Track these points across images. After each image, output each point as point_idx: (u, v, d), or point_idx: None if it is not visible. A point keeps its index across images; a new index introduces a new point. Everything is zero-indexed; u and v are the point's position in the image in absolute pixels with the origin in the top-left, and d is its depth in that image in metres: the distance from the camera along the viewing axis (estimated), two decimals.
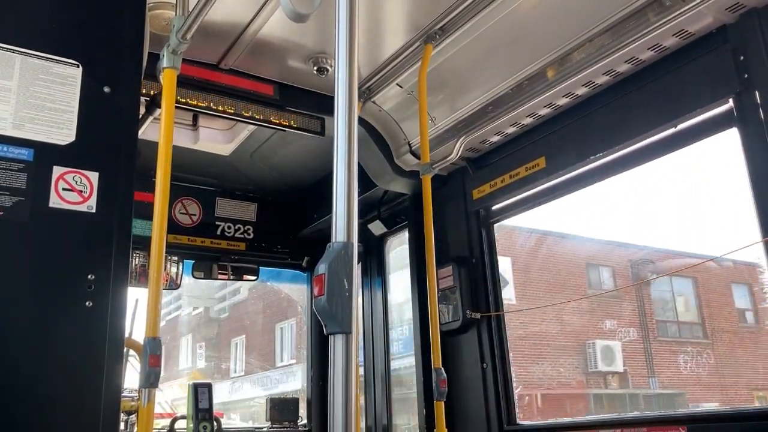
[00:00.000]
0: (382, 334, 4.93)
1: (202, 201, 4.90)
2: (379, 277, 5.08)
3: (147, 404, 1.99)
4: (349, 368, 1.24)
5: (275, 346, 20.91)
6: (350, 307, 1.27)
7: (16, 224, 2.00)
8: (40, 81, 2.14)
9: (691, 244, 19.11)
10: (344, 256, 1.31)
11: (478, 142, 3.92)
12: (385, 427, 4.76)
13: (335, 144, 1.41)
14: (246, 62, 3.47)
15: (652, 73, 3.13)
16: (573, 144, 3.49)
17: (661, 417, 3.38)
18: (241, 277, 5.13)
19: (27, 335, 1.95)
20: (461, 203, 4.12)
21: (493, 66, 3.46)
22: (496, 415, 3.75)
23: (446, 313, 4.00)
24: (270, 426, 4.84)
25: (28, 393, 1.91)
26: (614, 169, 3.44)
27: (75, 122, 2.15)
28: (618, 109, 3.29)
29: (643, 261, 17.95)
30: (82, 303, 2.02)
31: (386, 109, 3.94)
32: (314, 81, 3.61)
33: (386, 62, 3.52)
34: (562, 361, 17.00)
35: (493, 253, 4.05)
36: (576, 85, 3.31)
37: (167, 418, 4.47)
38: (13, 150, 2.04)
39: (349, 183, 1.37)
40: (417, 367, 4.15)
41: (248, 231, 5.09)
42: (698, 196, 17.79)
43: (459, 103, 3.72)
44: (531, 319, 15.84)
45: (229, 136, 4.40)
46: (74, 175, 2.10)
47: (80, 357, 1.99)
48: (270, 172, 4.92)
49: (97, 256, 2.08)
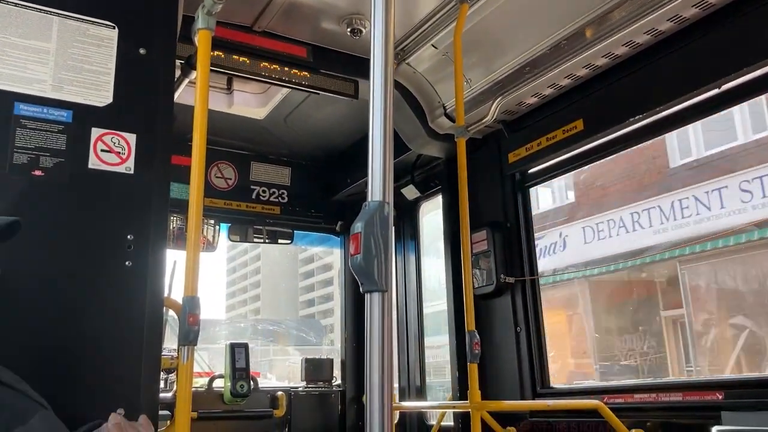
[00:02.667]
0: (415, 297, 4.96)
1: (237, 165, 4.94)
2: (412, 241, 5.09)
3: (186, 362, 2.03)
4: (385, 325, 1.25)
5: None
6: (387, 266, 1.27)
7: (57, 185, 2.03)
8: (78, 43, 2.16)
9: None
10: (380, 214, 1.30)
11: (514, 105, 3.85)
12: (418, 388, 4.81)
13: (371, 98, 1.40)
14: (279, 24, 3.44)
15: (696, 32, 3.03)
16: (612, 106, 3.42)
17: (697, 382, 3.35)
18: (275, 241, 5.18)
19: (68, 294, 1.99)
20: (496, 167, 4.08)
21: (530, 25, 3.38)
22: (530, 379, 3.75)
23: (480, 278, 3.99)
24: (305, 385, 4.93)
25: (70, 351, 1.96)
26: (654, 131, 3.38)
27: (112, 84, 2.17)
28: (659, 69, 3.20)
29: None
30: (121, 263, 2.06)
31: (420, 70, 3.89)
32: (348, 43, 3.57)
33: (421, 22, 3.46)
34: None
35: (528, 217, 4.01)
36: (616, 44, 3.22)
37: (205, 377, 4.58)
38: (53, 111, 2.07)
39: (385, 141, 1.35)
40: (450, 330, 4.17)
41: (282, 195, 5.12)
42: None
43: (495, 64, 3.66)
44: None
45: (262, 99, 4.40)
46: (112, 137, 2.13)
47: (120, 315, 2.04)
48: (303, 136, 4.92)
49: (136, 216, 2.11)
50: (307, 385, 4.94)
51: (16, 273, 1.85)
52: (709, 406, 2.87)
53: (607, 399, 3.22)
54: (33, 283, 1.94)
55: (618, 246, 14.19)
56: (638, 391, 3.27)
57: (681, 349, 13.90)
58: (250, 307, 54.84)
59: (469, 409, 3.07)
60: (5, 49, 2.05)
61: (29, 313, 1.91)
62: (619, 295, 15.41)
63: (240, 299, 58.44)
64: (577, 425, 3.40)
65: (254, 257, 53.84)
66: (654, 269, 14.45)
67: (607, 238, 14.52)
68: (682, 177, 13.62)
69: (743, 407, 2.74)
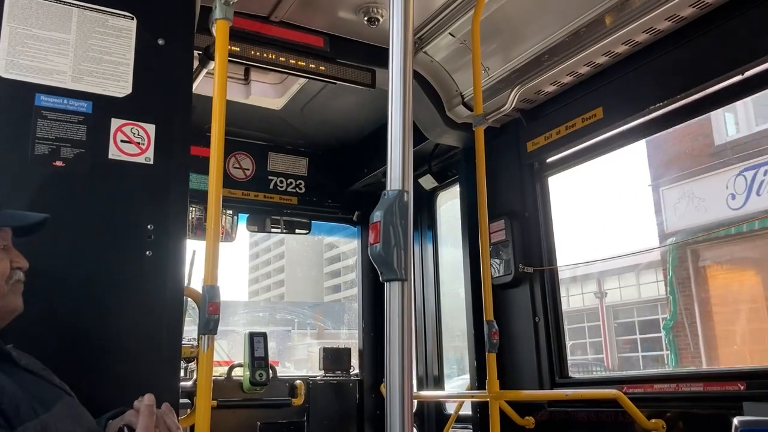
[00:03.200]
0: (433, 287, 4.96)
1: (254, 155, 4.96)
2: (429, 231, 5.08)
3: (207, 350, 2.04)
4: (405, 314, 1.25)
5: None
6: (406, 255, 1.27)
7: (78, 175, 2.05)
8: (97, 34, 2.17)
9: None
10: (399, 203, 1.30)
11: (533, 93, 3.82)
12: (436, 377, 4.82)
13: (390, 88, 1.39)
14: (296, 14, 3.44)
15: (719, 18, 2.98)
16: (632, 94, 3.38)
17: (719, 372, 3.32)
18: (293, 231, 5.19)
19: (90, 284, 2.01)
20: (514, 156, 4.05)
21: (549, 12, 3.34)
22: (548, 369, 3.74)
23: (497, 267, 3.98)
24: (323, 374, 4.95)
25: (93, 340, 1.99)
26: (675, 119, 3.33)
27: (131, 75, 2.19)
28: (680, 56, 3.15)
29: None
30: (142, 252, 2.08)
31: (438, 59, 3.87)
32: (365, 32, 3.56)
33: (438, 10, 3.44)
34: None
35: (547, 206, 3.99)
36: (636, 31, 3.18)
37: (224, 365, 4.61)
38: (73, 102, 2.09)
39: (404, 130, 1.35)
40: (468, 320, 4.16)
41: (300, 185, 5.13)
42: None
43: (513, 52, 3.63)
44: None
45: (279, 90, 4.40)
46: (132, 127, 2.14)
47: (141, 304, 2.06)
48: (320, 127, 4.92)
49: (156, 206, 2.13)
50: (325, 374, 4.96)
51: (39, 262, 1.87)
52: (730, 396, 2.85)
53: (626, 389, 3.20)
54: (55, 273, 1.96)
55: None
56: (658, 381, 3.24)
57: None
58: (274, 293, 54.69)
59: (488, 399, 3.07)
60: (26, 41, 2.07)
61: (52, 303, 1.93)
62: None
63: (264, 285, 58.41)
64: (596, 415, 3.38)
65: (278, 242, 53.76)
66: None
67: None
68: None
69: (765, 398, 2.71)
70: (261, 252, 58.35)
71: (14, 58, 2.04)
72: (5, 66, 2.03)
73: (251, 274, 61.07)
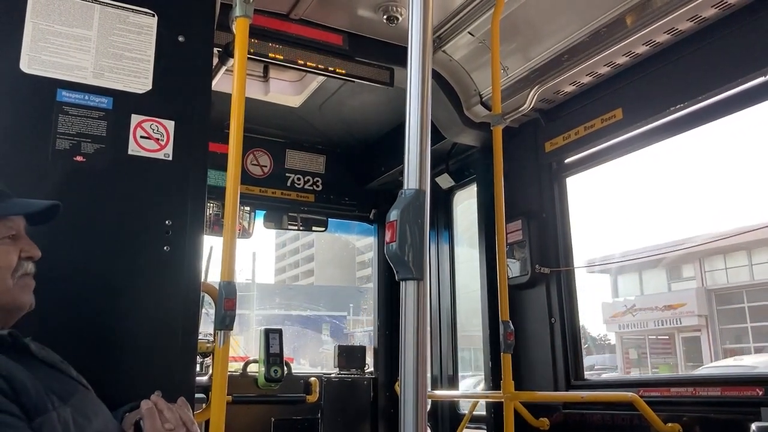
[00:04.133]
0: (448, 287, 4.95)
1: (272, 152, 4.98)
2: (446, 231, 5.07)
3: (222, 346, 2.05)
4: (420, 314, 1.25)
5: None
6: (422, 253, 1.27)
7: (98, 170, 2.07)
8: (118, 30, 2.19)
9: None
10: (416, 202, 1.29)
11: (552, 93, 3.80)
12: (450, 377, 4.81)
13: (408, 86, 1.39)
14: (315, 12, 3.44)
15: (742, 18, 2.95)
16: (652, 95, 3.35)
17: (737, 377, 3.28)
18: (310, 228, 5.21)
19: (109, 278, 2.03)
20: (532, 156, 4.04)
21: (569, 12, 3.32)
22: (564, 370, 3.72)
23: (514, 268, 3.96)
24: (338, 372, 4.96)
25: (110, 334, 2.00)
26: (696, 120, 3.29)
27: (151, 71, 2.20)
28: (702, 57, 3.12)
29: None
30: (160, 247, 2.10)
31: (457, 58, 3.86)
32: (384, 30, 3.56)
33: (458, 9, 3.43)
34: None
35: (564, 207, 3.96)
36: (657, 32, 3.15)
37: (239, 361, 4.64)
38: (94, 98, 2.11)
39: (422, 129, 1.35)
40: (483, 320, 4.15)
41: (317, 183, 5.14)
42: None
43: (533, 51, 3.61)
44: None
45: (298, 87, 4.41)
46: (151, 123, 2.16)
47: (159, 299, 2.07)
48: (338, 124, 4.93)
49: (174, 202, 2.15)
50: (340, 371, 4.97)
51: (58, 256, 1.89)
52: (748, 401, 2.81)
53: (643, 392, 3.17)
54: (73, 267, 1.98)
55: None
56: (675, 385, 3.22)
57: None
58: (303, 282, 54.19)
59: (502, 399, 3.06)
60: (48, 37, 2.09)
61: (71, 296, 1.95)
62: None
63: (291, 274, 57.99)
64: (612, 418, 3.36)
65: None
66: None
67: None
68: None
69: None
70: (288, 241, 57.94)
71: (37, 54, 2.06)
72: (28, 62, 2.05)
73: (277, 264, 60.79)
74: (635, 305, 24.59)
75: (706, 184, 24.77)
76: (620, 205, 25.89)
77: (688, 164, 21.24)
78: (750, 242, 16.55)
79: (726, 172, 22.78)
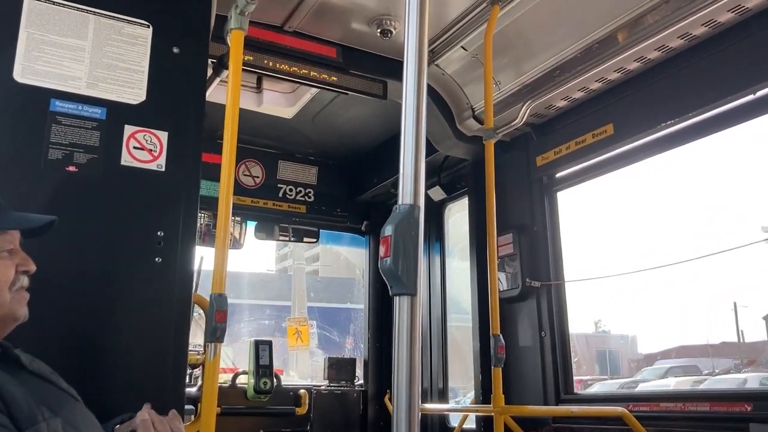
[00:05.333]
0: (439, 299, 4.95)
1: (264, 163, 4.98)
2: (437, 243, 5.08)
3: (213, 358, 2.05)
4: (414, 329, 1.25)
5: None
6: (416, 269, 1.27)
7: (91, 181, 2.07)
8: (112, 41, 2.19)
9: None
10: (411, 218, 1.30)
11: (544, 108, 3.83)
12: (440, 390, 4.80)
13: (404, 101, 1.39)
14: (310, 24, 3.46)
15: (731, 37, 2.98)
16: (643, 110, 3.38)
17: (725, 392, 3.30)
18: (301, 239, 5.20)
19: (100, 289, 2.02)
20: (524, 170, 4.06)
21: (562, 28, 3.35)
22: (553, 384, 3.72)
23: (505, 281, 3.97)
24: (328, 384, 4.94)
25: (101, 345, 1.99)
26: (686, 137, 3.33)
27: (145, 82, 2.20)
28: (692, 74, 3.15)
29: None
30: (151, 258, 2.09)
31: (450, 72, 3.88)
32: (377, 44, 3.58)
33: (451, 24, 3.46)
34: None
35: (555, 221, 3.98)
36: (648, 49, 3.18)
37: (229, 373, 4.61)
38: (87, 108, 2.10)
39: (417, 144, 1.35)
40: (474, 333, 4.15)
41: (309, 194, 5.14)
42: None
43: (525, 66, 3.63)
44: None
45: (291, 99, 4.42)
46: (145, 134, 2.15)
47: (150, 310, 2.06)
48: (331, 136, 4.94)
49: (167, 213, 2.14)
50: (330, 383, 4.96)
51: (49, 267, 1.88)
52: (737, 417, 2.82)
53: (632, 407, 3.18)
54: (65, 278, 1.97)
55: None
56: (664, 400, 3.22)
57: None
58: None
59: (492, 413, 3.05)
60: (42, 47, 2.09)
61: (62, 307, 1.94)
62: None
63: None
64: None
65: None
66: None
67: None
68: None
69: None
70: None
71: (31, 64, 2.06)
72: (21, 71, 2.05)
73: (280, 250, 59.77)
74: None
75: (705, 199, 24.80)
76: (630, 218, 25.68)
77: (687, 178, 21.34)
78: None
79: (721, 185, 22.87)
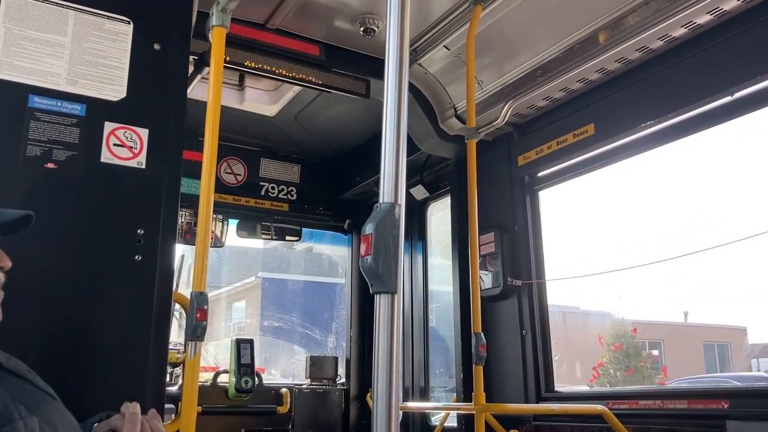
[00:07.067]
0: (421, 298, 4.96)
1: (246, 161, 4.96)
2: (420, 242, 5.09)
3: (193, 357, 2.04)
4: (394, 327, 1.25)
5: None
6: (396, 267, 1.28)
7: (70, 178, 2.05)
8: (93, 37, 2.17)
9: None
10: (391, 216, 1.30)
11: (526, 108, 3.85)
12: (422, 388, 4.81)
13: (385, 99, 1.40)
14: (293, 22, 3.45)
15: (710, 39, 3.02)
16: (624, 111, 3.41)
17: (702, 390, 3.34)
18: (283, 238, 5.19)
19: (79, 287, 2.01)
20: (506, 169, 4.08)
21: (544, 29, 3.37)
22: (534, 382, 3.75)
23: (486, 280, 3.99)
24: (309, 383, 4.94)
25: (79, 343, 1.98)
26: (666, 137, 3.36)
27: (126, 78, 2.19)
28: (672, 75, 3.19)
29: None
30: (131, 257, 2.08)
31: (432, 71, 3.89)
32: (360, 42, 3.58)
33: (434, 24, 3.46)
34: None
35: (536, 220, 4.01)
36: (629, 50, 3.21)
37: (210, 371, 4.59)
38: (67, 105, 2.08)
39: (398, 143, 1.36)
40: (455, 332, 4.16)
41: (291, 192, 5.13)
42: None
43: (507, 66, 3.65)
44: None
45: (274, 96, 4.41)
46: (125, 131, 2.14)
47: (129, 308, 2.05)
48: (314, 134, 4.93)
49: (147, 211, 2.13)
50: (311, 382, 4.95)
51: (27, 265, 1.86)
52: (714, 414, 2.86)
53: (612, 405, 3.21)
54: (43, 276, 1.95)
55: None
56: (643, 398, 3.26)
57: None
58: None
59: (473, 411, 3.07)
60: (21, 42, 2.07)
61: (40, 305, 1.92)
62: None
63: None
64: (581, 430, 3.39)
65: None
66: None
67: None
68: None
69: (748, 416, 2.73)
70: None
71: (9, 59, 2.04)
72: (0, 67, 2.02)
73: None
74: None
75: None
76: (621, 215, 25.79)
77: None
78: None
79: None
